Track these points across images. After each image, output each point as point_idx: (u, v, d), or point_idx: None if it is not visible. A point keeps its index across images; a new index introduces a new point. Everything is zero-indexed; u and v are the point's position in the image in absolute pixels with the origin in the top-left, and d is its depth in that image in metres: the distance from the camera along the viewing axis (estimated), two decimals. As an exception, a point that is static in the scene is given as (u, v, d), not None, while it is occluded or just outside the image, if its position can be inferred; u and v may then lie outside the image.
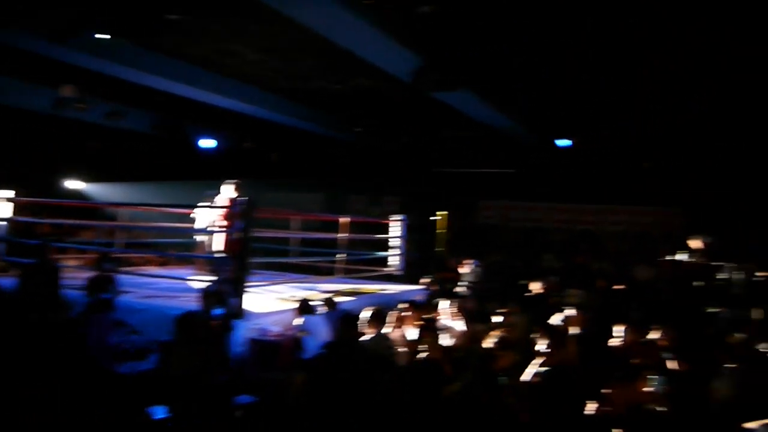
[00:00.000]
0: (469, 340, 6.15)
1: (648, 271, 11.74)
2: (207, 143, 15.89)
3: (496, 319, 6.68)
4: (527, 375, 4.89)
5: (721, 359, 5.61)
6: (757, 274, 9.68)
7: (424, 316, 6.56)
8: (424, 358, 5.63)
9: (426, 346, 5.77)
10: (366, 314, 6.08)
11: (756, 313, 8.03)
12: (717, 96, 9.74)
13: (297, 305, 7.23)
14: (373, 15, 7.25)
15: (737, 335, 6.30)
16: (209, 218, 9.52)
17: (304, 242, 11.22)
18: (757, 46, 7.66)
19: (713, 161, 12.87)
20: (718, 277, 10.25)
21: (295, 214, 11.15)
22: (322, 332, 6.69)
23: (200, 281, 7.76)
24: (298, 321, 6.99)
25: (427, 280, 10.47)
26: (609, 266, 12.42)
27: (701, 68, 8.69)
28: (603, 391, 4.15)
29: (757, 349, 5.72)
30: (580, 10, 7.22)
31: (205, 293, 6.68)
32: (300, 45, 9.19)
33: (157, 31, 8.87)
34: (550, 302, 8.66)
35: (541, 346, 5.17)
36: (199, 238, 10.12)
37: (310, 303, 7.21)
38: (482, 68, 9.09)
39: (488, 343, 5.64)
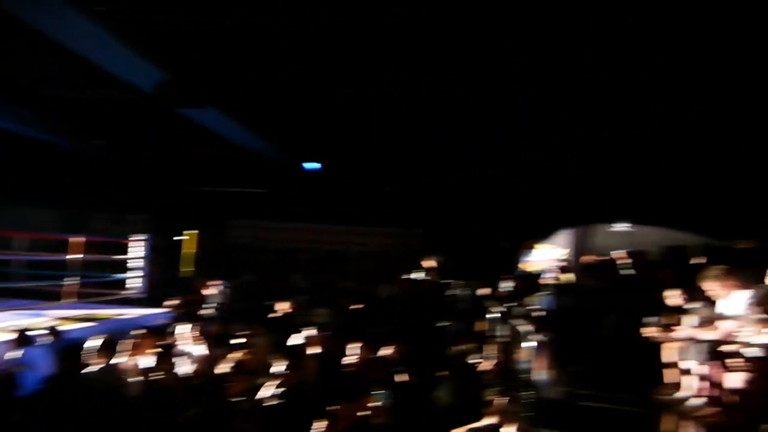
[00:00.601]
0: (208, 365, 6.00)
1: (389, 290, 12.52)
2: None
3: (239, 341, 6.60)
4: (262, 397, 4.89)
5: (443, 370, 6.15)
6: (481, 290, 10.76)
7: (160, 342, 6.25)
8: (158, 386, 5.36)
9: (161, 373, 5.50)
10: (94, 343, 5.63)
11: (477, 326, 8.97)
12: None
13: (13, 336, 6.46)
14: (110, 23, 6.81)
15: (456, 347, 6.95)
16: None
17: (30, 264, 10.11)
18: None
19: (448, 186, 14.18)
20: (448, 293, 11.26)
21: (19, 233, 10.00)
22: (43, 365, 6.04)
23: None
24: (14, 354, 6.23)
25: (173, 302, 10.02)
26: (354, 285, 13.00)
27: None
28: (330, 408, 4.29)
29: (472, 359, 6.37)
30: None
31: None
32: (27, 46, 8.30)
33: None
34: (297, 322, 8.77)
35: (279, 367, 5.21)
36: None
37: (30, 333, 6.48)
38: (229, 87, 9.00)
39: (225, 367, 5.54)
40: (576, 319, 7.84)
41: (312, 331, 6.68)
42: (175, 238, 14.39)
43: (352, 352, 6.28)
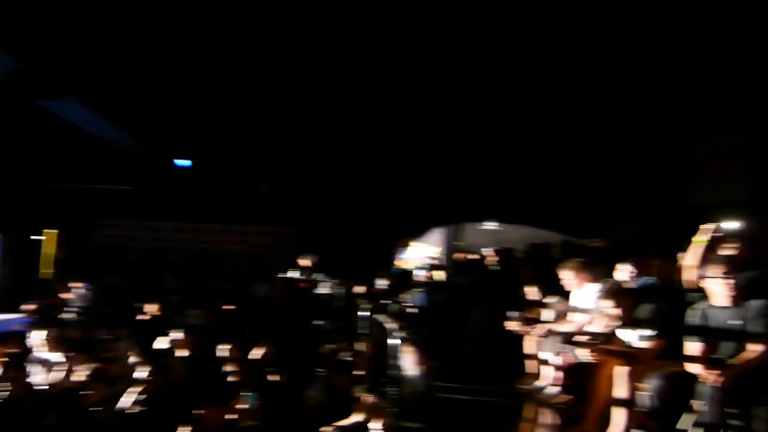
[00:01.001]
0: (66, 373, 5.66)
1: (264, 289, 12.35)
2: None
3: (100, 346, 6.29)
4: (123, 404, 4.68)
5: (316, 369, 6.15)
6: (356, 288, 10.86)
7: (9, 350, 5.82)
8: (7, 397, 4.99)
9: (12, 383, 5.13)
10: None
11: (351, 324, 9.04)
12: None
13: None
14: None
15: (329, 345, 6.97)
16: None
17: None
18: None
19: (323, 185, 14.17)
20: (323, 292, 11.27)
21: None
22: None
23: None
24: None
25: (29, 307, 9.36)
26: (228, 285, 12.70)
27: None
28: (196, 412, 4.18)
29: (344, 357, 6.42)
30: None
31: None
32: None
33: None
34: (166, 324, 8.47)
35: (143, 372, 5.01)
36: None
37: None
38: (93, 80, 8.50)
39: (83, 374, 5.25)
40: (446, 314, 8.09)
41: (180, 334, 6.46)
42: (32, 237, 13.44)
43: (223, 354, 6.15)
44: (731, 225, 5.51)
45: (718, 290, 4.09)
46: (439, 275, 9.97)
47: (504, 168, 12.28)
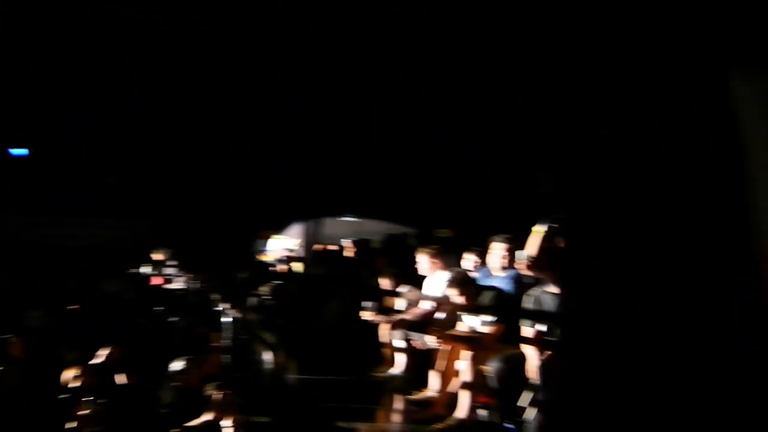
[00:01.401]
0: None
1: (114, 286, 11.72)
2: None
3: None
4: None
5: (167, 367, 5.94)
6: (213, 282, 10.58)
7: None
8: None
9: None
10: None
11: (208, 319, 8.81)
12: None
13: None
14: None
15: (184, 343, 6.76)
16: None
17: None
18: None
19: (181, 175, 13.63)
20: (178, 287, 10.88)
21: None
22: None
23: None
24: None
25: None
26: (74, 282, 11.94)
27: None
28: (30, 423, 3.91)
29: (196, 353, 6.24)
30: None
31: None
32: None
33: None
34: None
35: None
36: None
37: None
38: None
39: None
40: (303, 306, 8.11)
41: (12, 337, 5.98)
42: None
43: (65, 357, 5.78)
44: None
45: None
46: (297, 267, 9.97)
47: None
